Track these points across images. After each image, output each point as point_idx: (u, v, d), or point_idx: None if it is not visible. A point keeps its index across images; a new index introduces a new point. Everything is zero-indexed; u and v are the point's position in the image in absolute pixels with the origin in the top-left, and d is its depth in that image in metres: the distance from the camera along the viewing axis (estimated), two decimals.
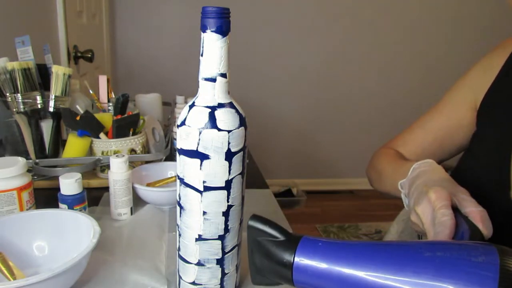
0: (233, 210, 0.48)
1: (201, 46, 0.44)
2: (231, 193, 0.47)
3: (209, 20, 0.42)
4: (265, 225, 0.44)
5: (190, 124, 0.45)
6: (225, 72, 0.45)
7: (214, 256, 0.49)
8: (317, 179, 2.90)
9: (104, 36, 2.19)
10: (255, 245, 0.44)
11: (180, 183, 0.48)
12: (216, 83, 0.45)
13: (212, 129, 0.44)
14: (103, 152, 0.86)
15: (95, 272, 0.57)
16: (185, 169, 0.46)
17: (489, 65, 0.68)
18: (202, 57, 0.44)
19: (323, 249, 0.39)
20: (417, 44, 2.70)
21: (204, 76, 0.45)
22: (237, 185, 0.48)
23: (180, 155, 0.47)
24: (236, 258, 0.52)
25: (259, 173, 1.02)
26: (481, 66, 0.70)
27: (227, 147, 0.45)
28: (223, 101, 0.45)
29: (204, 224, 0.47)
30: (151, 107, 1.15)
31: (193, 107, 0.46)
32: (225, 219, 0.48)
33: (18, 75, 0.85)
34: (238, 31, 2.53)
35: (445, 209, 0.46)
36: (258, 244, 0.44)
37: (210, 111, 0.44)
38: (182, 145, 0.46)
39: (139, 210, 0.76)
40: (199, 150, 0.45)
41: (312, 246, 0.40)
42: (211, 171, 0.45)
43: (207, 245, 0.48)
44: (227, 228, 0.48)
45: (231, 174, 0.46)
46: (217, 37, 0.43)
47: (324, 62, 2.64)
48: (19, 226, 0.57)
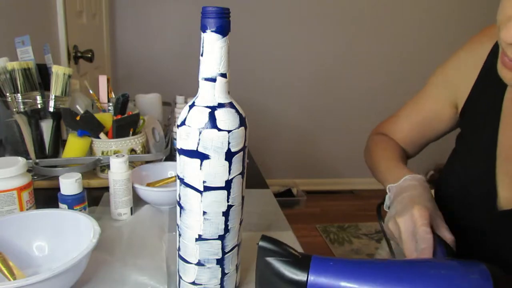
0: (233, 210, 0.48)
1: (201, 46, 0.44)
2: (231, 193, 0.47)
3: (209, 20, 0.42)
4: (276, 245, 0.44)
5: (190, 124, 0.45)
6: (225, 72, 0.45)
7: (214, 256, 0.49)
8: (317, 179, 2.91)
9: (104, 36, 2.19)
10: (265, 266, 0.44)
11: (180, 183, 0.48)
12: (216, 83, 0.45)
13: (212, 129, 0.44)
14: (103, 152, 0.86)
15: (95, 272, 0.57)
16: (185, 169, 0.46)
17: (464, 61, 0.68)
18: (202, 57, 0.44)
19: (334, 268, 0.41)
20: (418, 45, 2.70)
21: (204, 76, 0.45)
22: (237, 185, 0.48)
23: (180, 155, 0.47)
24: (236, 258, 0.52)
25: (259, 173, 1.02)
26: (457, 60, 0.70)
27: (227, 147, 0.45)
28: (223, 101, 0.45)
29: (204, 224, 0.47)
30: (151, 107, 1.15)
31: (193, 107, 0.46)
32: (225, 219, 0.48)
33: (18, 75, 0.85)
34: (238, 31, 2.53)
35: (426, 227, 0.50)
36: (268, 264, 0.44)
37: (210, 111, 0.44)
38: (182, 145, 0.46)
39: (139, 210, 0.76)
40: (199, 150, 0.45)
41: (323, 265, 0.41)
42: (211, 171, 0.45)
43: (207, 245, 0.48)
44: (227, 228, 0.48)
45: (231, 174, 0.46)
46: (217, 37, 0.43)
47: (324, 62, 2.64)
48: (19, 226, 0.57)
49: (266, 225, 0.75)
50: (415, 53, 2.71)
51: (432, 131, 0.76)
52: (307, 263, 0.42)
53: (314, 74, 2.67)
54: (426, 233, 0.49)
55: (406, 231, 0.52)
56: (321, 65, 2.65)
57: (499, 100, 0.61)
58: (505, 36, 0.43)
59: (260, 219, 0.77)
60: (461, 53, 0.69)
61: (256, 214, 0.79)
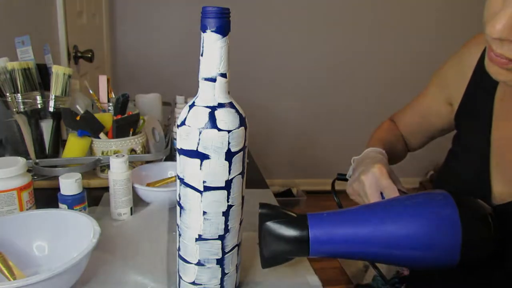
0: (233, 210, 0.48)
1: (201, 46, 0.44)
2: (231, 193, 0.47)
3: (209, 20, 0.42)
4: (274, 209, 0.50)
5: (190, 124, 0.45)
6: (225, 72, 0.45)
7: (214, 256, 0.49)
8: (317, 179, 2.90)
9: (104, 36, 2.19)
10: (267, 230, 0.49)
11: (180, 183, 0.48)
12: (216, 83, 0.45)
13: (212, 129, 0.44)
14: (103, 152, 0.86)
15: (95, 272, 0.57)
16: (185, 169, 0.46)
17: (460, 64, 0.70)
18: (202, 57, 0.44)
19: (328, 219, 0.48)
20: (420, 47, 2.69)
21: (204, 76, 0.45)
22: (237, 185, 0.48)
23: (180, 155, 0.47)
24: (236, 258, 0.52)
25: (259, 173, 1.02)
26: (453, 64, 0.74)
27: (227, 147, 0.45)
28: (223, 101, 0.45)
29: (204, 224, 0.47)
30: (151, 107, 1.15)
31: (193, 107, 0.46)
32: (225, 219, 0.48)
33: (18, 75, 0.85)
34: (239, 31, 2.52)
35: (388, 179, 0.59)
36: (270, 228, 0.49)
37: (210, 111, 0.44)
38: (182, 145, 0.46)
39: (139, 210, 0.75)
40: (199, 150, 0.45)
41: (319, 219, 0.48)
42: (211, 171, 0.45)
43: (207, 245, 0.48)
44: (227, 228, 0.48)
45: (231, 174, 0.46)
46: (217, 37, 0.43)
47: (325, 62, 2.64)
48: (19, 226, 0.57)
49: None
50: (417, 54, 2.71)
51: (431, 125, 0.81)
52: (304, 220, 0.48)
53: (315, 74, 2.67)
54: (391, 184, 0.58)
55: (371, 186, 0.60)
56: (322, 66, 2.65)
57: (491, 101, 0.63)
58: (490, 31, 0.45)
59: None
60: (455, 58, 0.73)
61: (256, 214, 0.78)
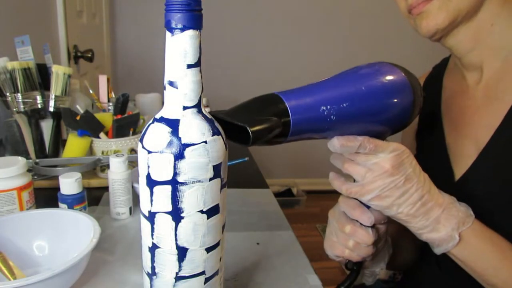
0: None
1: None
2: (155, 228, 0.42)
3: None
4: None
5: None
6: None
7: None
8: (317, 179, 2.90)
9: (104, 36, 2.19)
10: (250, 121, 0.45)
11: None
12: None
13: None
14: (103, 151, 0.86)
15: (95, 272, 0.57)
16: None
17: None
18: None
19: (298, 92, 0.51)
20: (420, 46, 2.69)
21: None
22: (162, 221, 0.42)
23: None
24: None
25: (259, 173, 1.02)
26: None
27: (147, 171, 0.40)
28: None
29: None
30: (151, 107, 1.15)
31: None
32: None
33: (18, 75, 0.85)
34: (239, 31, 2.53)
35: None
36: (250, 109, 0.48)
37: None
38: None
39: (139, 210, 0.75)
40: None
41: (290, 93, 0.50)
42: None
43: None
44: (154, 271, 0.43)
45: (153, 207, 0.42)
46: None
47: (324, 62, 2.64)
48: (19, 226, 0.57)
49: (266, 224, 0.75)
50: (418, 54, 2.70)
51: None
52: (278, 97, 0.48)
53: (315, 74, 2.66)
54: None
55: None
56: (322, 65, 2.65)
57: (438, 106, 0.70)
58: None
59: (260, 219, 0.77)
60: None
61: (256, 214, 0.79)
